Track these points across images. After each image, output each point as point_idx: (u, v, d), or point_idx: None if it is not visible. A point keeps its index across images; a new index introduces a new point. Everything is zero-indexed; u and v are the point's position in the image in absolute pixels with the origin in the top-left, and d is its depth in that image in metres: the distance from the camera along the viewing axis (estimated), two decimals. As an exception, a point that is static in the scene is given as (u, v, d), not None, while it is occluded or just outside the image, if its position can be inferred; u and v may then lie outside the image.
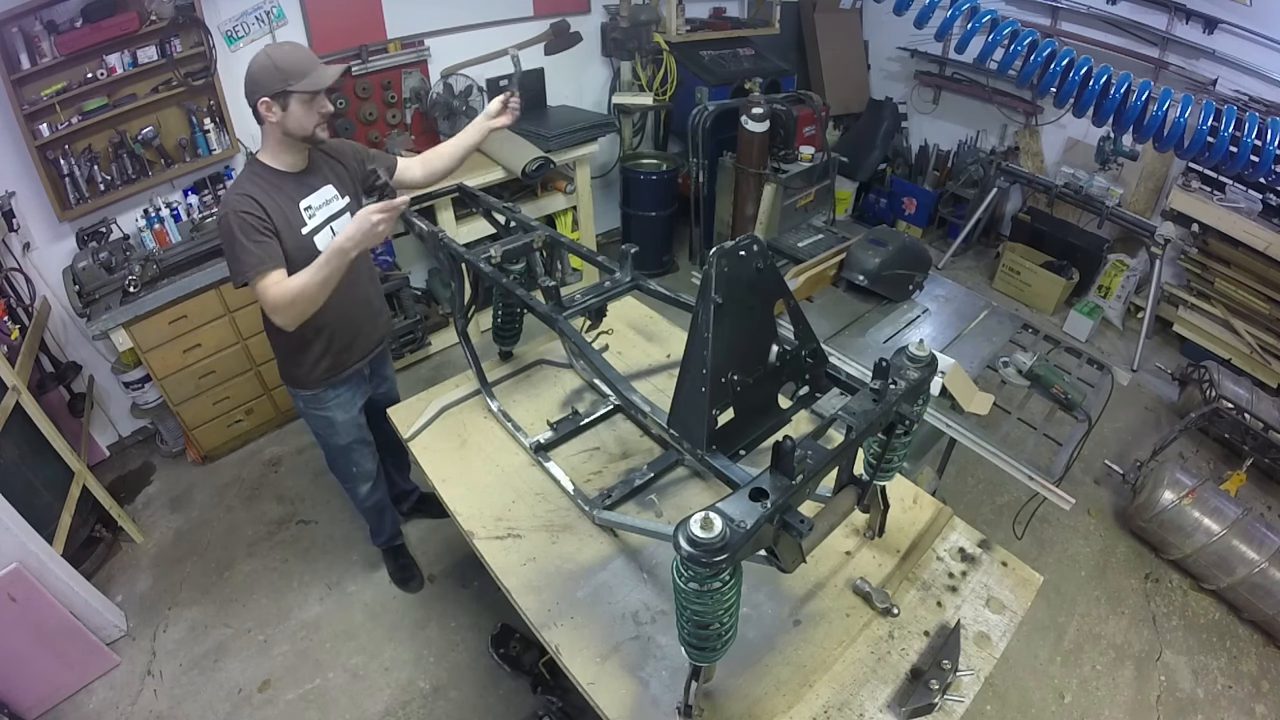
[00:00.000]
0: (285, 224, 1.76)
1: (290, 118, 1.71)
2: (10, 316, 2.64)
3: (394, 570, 2.65)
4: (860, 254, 2.58)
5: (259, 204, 1.70)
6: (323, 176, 1.90)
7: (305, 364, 1.99)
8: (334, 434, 2.17)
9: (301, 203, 1.82)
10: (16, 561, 2.11)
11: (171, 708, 2.26)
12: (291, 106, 1.69)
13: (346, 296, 1.91)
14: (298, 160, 1.83)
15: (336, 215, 1.90)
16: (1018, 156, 4.60)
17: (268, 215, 1.71)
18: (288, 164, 1.82)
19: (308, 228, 1.82)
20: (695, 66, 4.23)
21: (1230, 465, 3.04)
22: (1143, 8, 3.78)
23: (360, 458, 2.27)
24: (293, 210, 1.79)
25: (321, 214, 1.85)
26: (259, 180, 1.76)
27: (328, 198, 1.88)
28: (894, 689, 1.32)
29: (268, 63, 1.65)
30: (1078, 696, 2.31)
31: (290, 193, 1.80)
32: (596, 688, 1.34)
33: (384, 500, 2.48)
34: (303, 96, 1.68)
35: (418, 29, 3.53)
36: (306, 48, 1.76)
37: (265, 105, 1.67)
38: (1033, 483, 1.99)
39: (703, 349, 1.19)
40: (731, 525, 0.97)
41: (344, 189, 1.94)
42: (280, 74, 1.65)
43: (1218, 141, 1.88)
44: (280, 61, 1.65)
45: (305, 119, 1.73)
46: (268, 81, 1.66)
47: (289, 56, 1.68)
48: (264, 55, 1.67)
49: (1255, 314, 3.58)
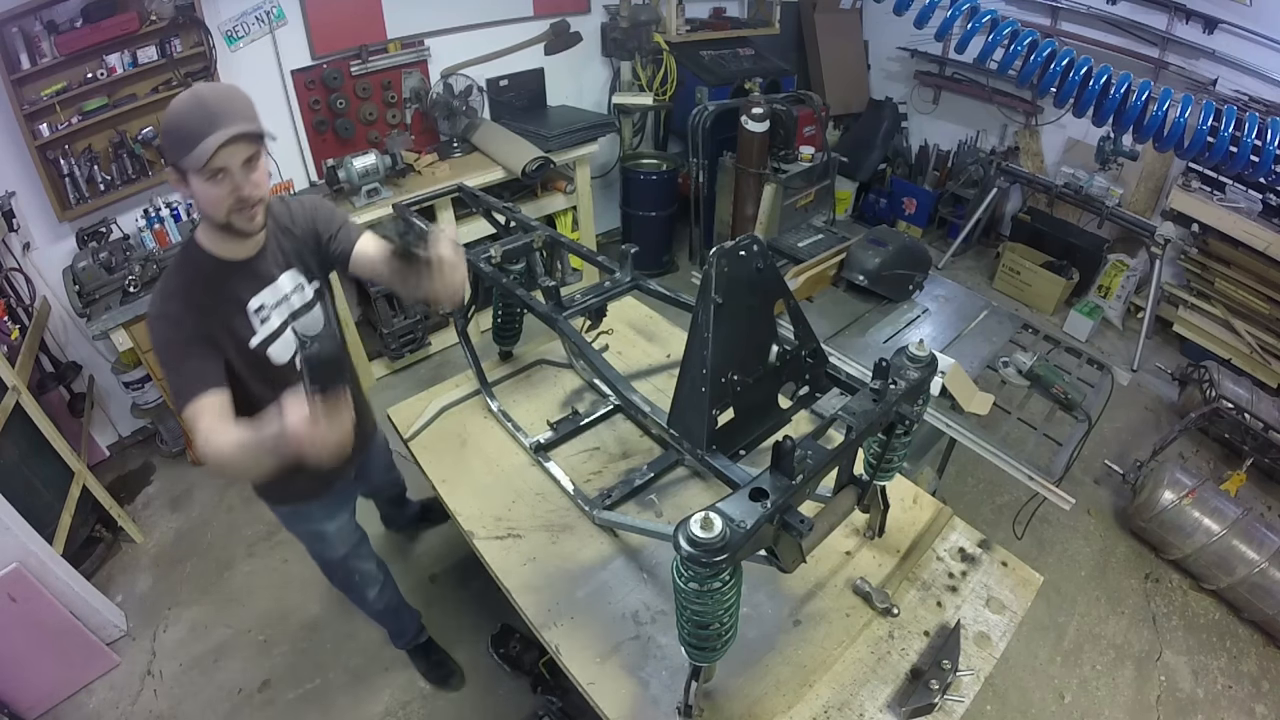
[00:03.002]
0: (226, 335, 1.35)
1: (196, 197, 1.26)
2: (10, 316, 2.63)
3: (427, 670, 2.30)
4: (860, 254, 2.58)
5: (187, 314, 1.30)
6: (280, 260, 1.46)
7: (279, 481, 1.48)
8: (326, 547, 1.82)
9: (250, 303, 1.39)
10: (16, 561, 2.10)
11: (171, 708, 2.26)
12: (192, 182, 1.23)
13: None
14: (242, 245, 1.38)
15: (303, 310, 1.49)
16: (1018, 156, 4.60)
17: (200, 326, 1.31)
18: (230, 250, 1.36)
19: (258, 338, 1.40)
20: (695, 66, 4.23)
21: (1230, 465, 3.04)
22: (1143, 8, 3.77)
23: (361, 563, 1.95)
24: (236, 317, 1.37)
25: (279, 314, 1.44)
26: (194, 274, 1.34)
27: (287, 291, 1.46)
28: (894, 689, 1.33)
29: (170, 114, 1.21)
30: (1078, 696, 2.30)
31: (235, 290, 1.38)
32: (596, 688, 1.34)
33: (396, 599, 2.16)
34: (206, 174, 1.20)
35: (418, 29, 3.53)
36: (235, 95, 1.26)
37: (172, 183, 1.26)
38: (1033, 483, 1.99)
39: (703, 349, 1.19)
40: (731, 525, 0.97)
41: (309, 268, 1.52)
42: (170, 135, 1.21)
43: (1218, 141, 1.89)
44: (183, 114, 1.20)
45: (213, 202, 1.25)
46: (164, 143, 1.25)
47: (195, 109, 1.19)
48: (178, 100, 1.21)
49: (1255, 314, 3.58)
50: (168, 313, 1.31)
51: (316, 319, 1.53)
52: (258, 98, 1.28)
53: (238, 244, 1.36)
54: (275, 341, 1.43)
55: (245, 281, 1.39)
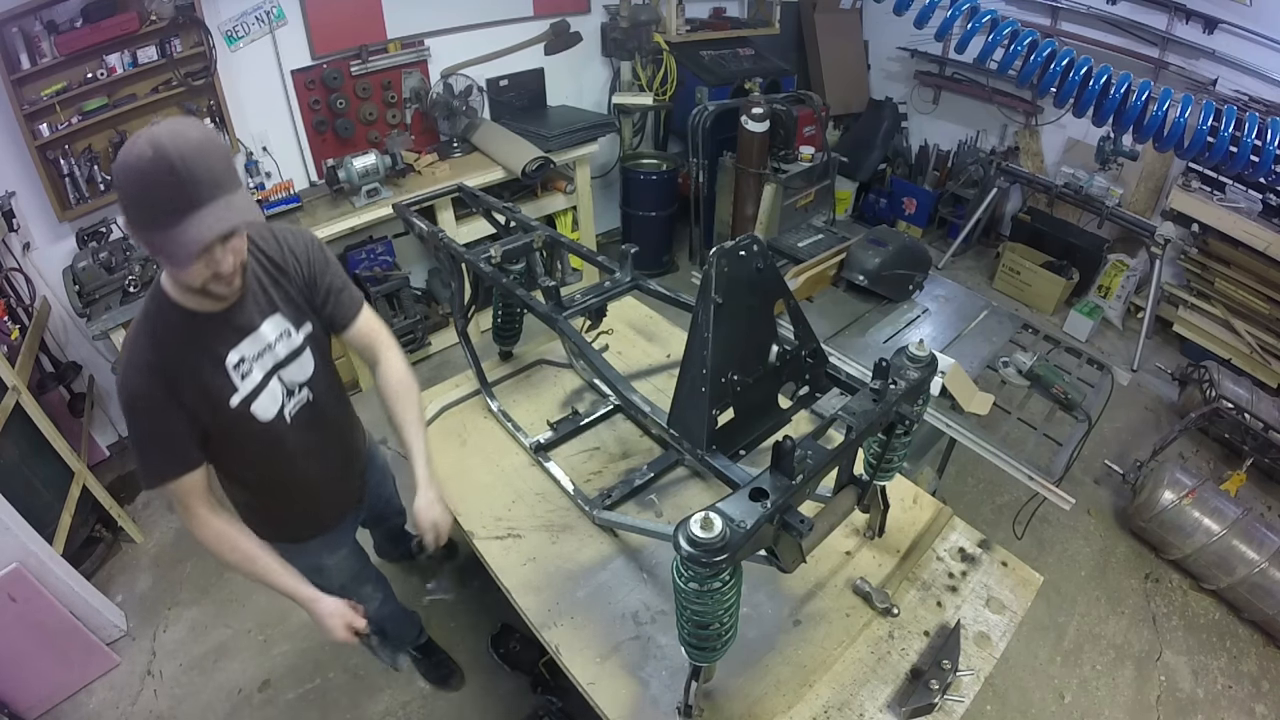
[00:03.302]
0: (201, 399, 1.22)
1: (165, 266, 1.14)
2: (10, 316, 2.63)
3: (427, 670, 2.28)
4: (860, 254, 2.58)
5: (158, 381, 1.16)
6: (262, 306, 1.29)
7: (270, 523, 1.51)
8: (323, 579, 1.61)
9: (229, 359, 1.24)
10: (16, 561, 2.10)
11: (171, 708, 2.26)
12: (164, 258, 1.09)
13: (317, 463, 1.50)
14: (216, 299, 1.20)
15: (289, 359, 1.35)
16: (1018, 156, 4.60)
17: (172, 395, 1.18)
18: (203, 303, 1.19)
19: (239, 395, 1.26)
20: (695, 66, 4.23)
21: (1230, 465, 3.04)
22: (1143, 8, 3.77)
23: (358, 588, 1.82)
24: (214, 374, 1.23)
25: (262, 365, 1.30)
26: (162, 331, 1.18)
27: (270, 340, 1.30)
28: (894, 689, 1.33)
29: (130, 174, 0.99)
30: (1078, 696, 2.30)
31: (210, 346, 1.22)
32: (596, 688, 1.34)
33: (394, 608, 2.07)
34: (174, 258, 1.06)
35: (418, 29, 3.53)
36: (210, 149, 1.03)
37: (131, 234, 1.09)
38: (1033, 483, 1.99)
39: (703, 349, 1.19)
40: (731, 525, 0.97)
41: (298, 312, 1.36)
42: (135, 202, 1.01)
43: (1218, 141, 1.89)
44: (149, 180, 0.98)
45: (187, 277, 1.10)
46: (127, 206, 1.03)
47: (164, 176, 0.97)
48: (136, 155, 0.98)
49: (1255, 314, 3.58)
50: (130, 383, 1.17)
51: (305, 366, 1.40)
52: (258, 98, 1.26)
53: (198, 298, 1.19)
54: (259, 397, 1.30)
55: (221, 334, 1.24)
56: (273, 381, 1.33)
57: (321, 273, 1.39)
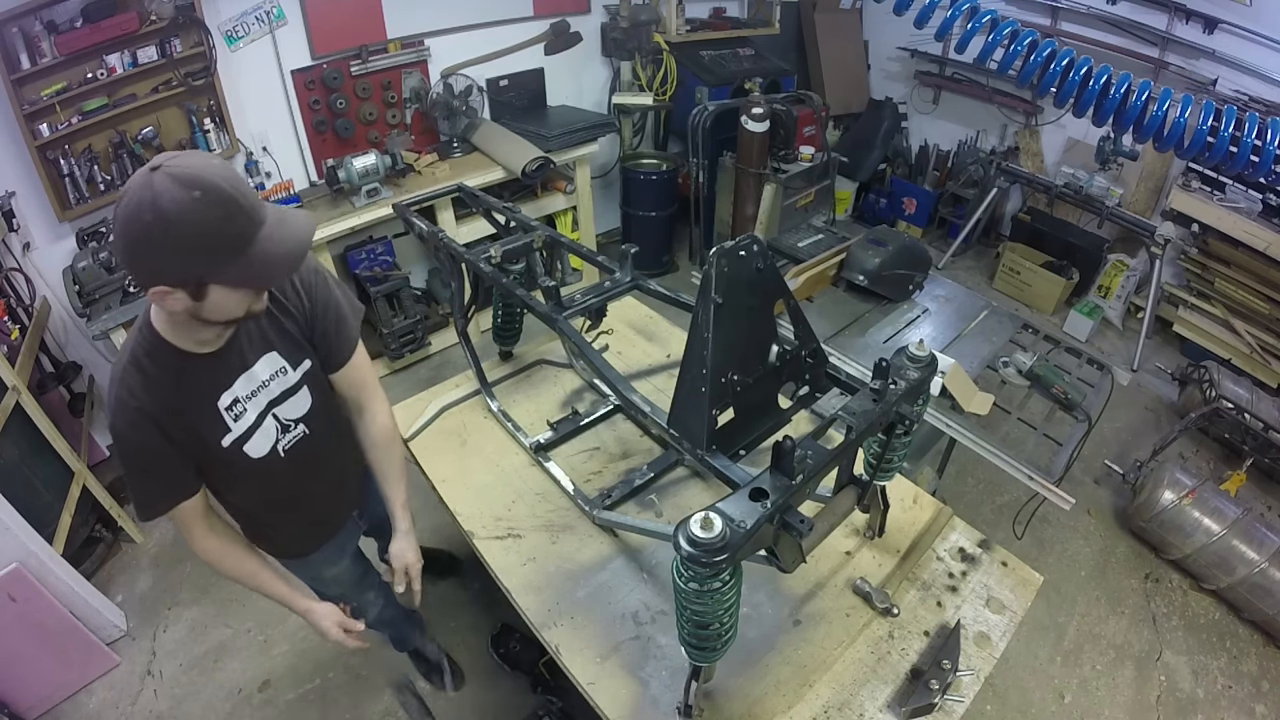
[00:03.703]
0: (193, 439, 1.20)
1: (210, 307, 1.04)
2: (10, 316, 2.63)
3: (427, 671, 2.29)
4: (860, 254, 2.58)
5: (148, 423, 1.13)
6: (257, 345, 1.25)
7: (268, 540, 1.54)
8: (327, 588, 1.70)
9: (221, 400, 1.21)
10: (16, 561, 2.10)
11: (171, 708, 2.26)
12: (213, 296, 1.02)
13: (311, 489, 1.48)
14: (212, 339, 1.17)
15: (284, 397, 1.32)
16: (1018, 156, 4.60)
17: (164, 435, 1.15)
18: (197, 343, 1.15)
19: (231, 436, 1.24)
20: (695, 66, 4.23)
21: (1230, 465, 3.04)
22: (1143, 8, 3.77)
23: (364, 595, 1.85)
24: (206, 416, 1.20)
25: (256, 405, 1.27)
26: (154, 371, 1.13)
27: (265, 377, 1.27)
28: (894, 689, 1.32)
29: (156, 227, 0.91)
30: (1078, 696, 2.30)
31: (202, 387, 1.19)
32: (596, 688, 1.34)
33: (395, 613, 2.05)
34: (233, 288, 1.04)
35: (418, 29, 3.53)
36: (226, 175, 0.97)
37: (158, 295, 0.99)
38: (1033, 483, 1.99)
39: (703, 349, 1.19)
40: (731, 525, 0.97)
41: (296, 349, 1.32)
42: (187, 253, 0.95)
43: (1218, 141, 1.89)
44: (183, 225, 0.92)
45: (233, 306, 1.07)
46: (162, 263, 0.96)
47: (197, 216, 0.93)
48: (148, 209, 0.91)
49: (1255, 314, 3.58)
50: (121, 424, 1.13)
51: (301, 403, 1.37)
52: (258, 98, 1.26)
53: (199, 336, 1.14)
54: (252, 437, 1.27)
55: (214, 375, 1.20)
56: (267, 420, 1.31)
57: (323, 312, 1.34)
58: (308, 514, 1.55)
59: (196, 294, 1.00)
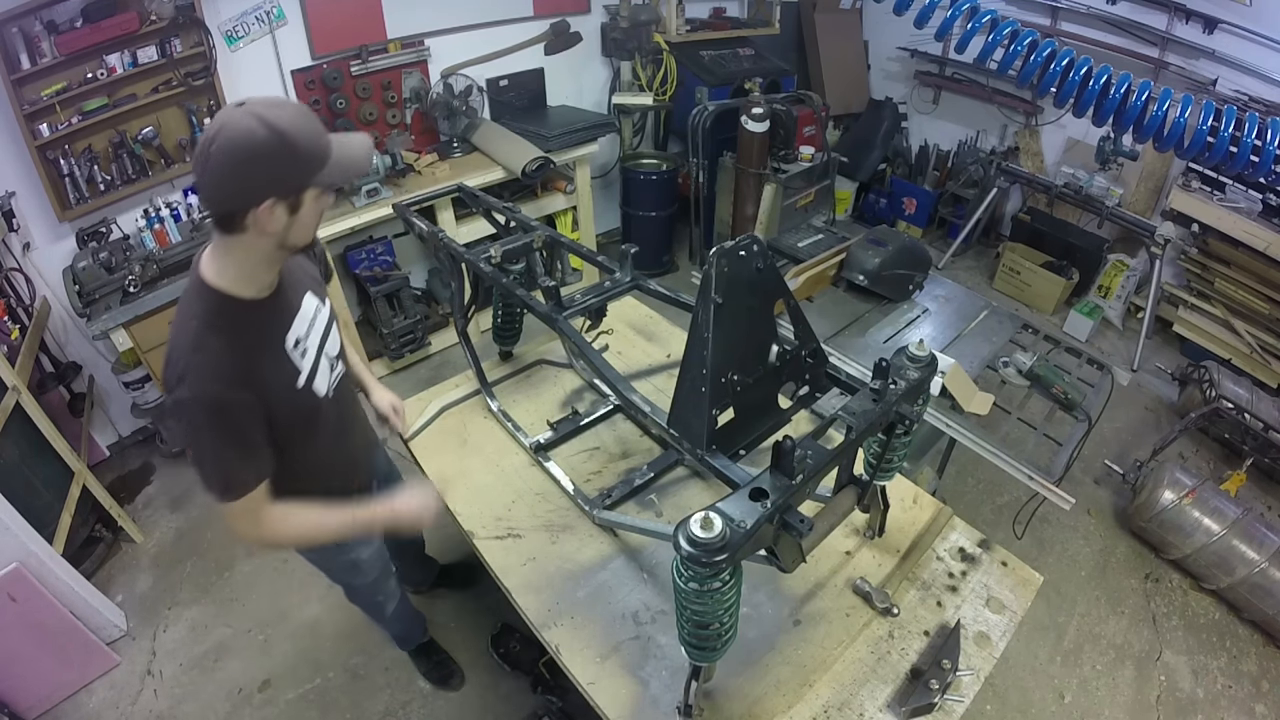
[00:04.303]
0: (276, 384, 1.23)
1: (299, 223, 1.13)
2: (10, 316, 2.63)
3: (428, 670, 2.29)
4: (860, 254, 2.58)
5: (239, 382, 1.14)
6: (297, 287, 1.33)
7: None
8: (359, 575, 1.77)
9: (288, 341, 1.26)
10: (16, 561, 2.10)
11: (171, 707, 2.26)
12: (305, 207, 1.12)
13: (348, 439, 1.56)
14: (268, 278, 1.21)
15: (326, 332, 1.39)
16: (1018, 156, 4.60)
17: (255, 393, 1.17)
18: (261, 287, 1.20)
19: (303, 376, 1.29)
20: (695, 66, 4.23)
21: (1230, 465, 3.04)
22: (1143, 8, 3.77)
23: (388, 583, 1.91)
24: (278, 359, 1.24)
25: (313, 341, 1.32)
26: (229, 327, 1.15)
27: (311, 315, 1.33)
28: (894, 689, 1.33)
29: (271, 140, 1.03)
30: (1078, 696, 2.30)
31: (270, 332, 1.24)
32: (596, 688, 1.34)
33: (408, 608, 2.12)
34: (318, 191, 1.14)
35: (418, 29, 3.53)
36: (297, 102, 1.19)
37: (267, 211, 1.07)
38: (1033, 483, 1.99)
39: (703, 349, 1.19)
40: (731, 525, 0.97)
41: (319, 287, 1.42)
42: (297, 159, 1.07)
43: (1218, 141, 1.89)
44: (293, 135, 1.05)
45: (312, 222, 1.17)
46: (274, 172, 1.06)
47: (299, 126, 1.07)
48: (258, 126, 1.02)
49: (1255, 314, 3.58)
50: (210, 391, 1.11)
51: (336, 339, 1.45)
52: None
53: (265, 276, 1.20)
54: (316, 375, 1.33)
55: (277, 318, 1.26)
56: (321, 357, 1.35)
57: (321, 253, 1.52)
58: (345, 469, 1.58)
59: (294, 206, 1.10)
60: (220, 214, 1.09)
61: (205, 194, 1.10)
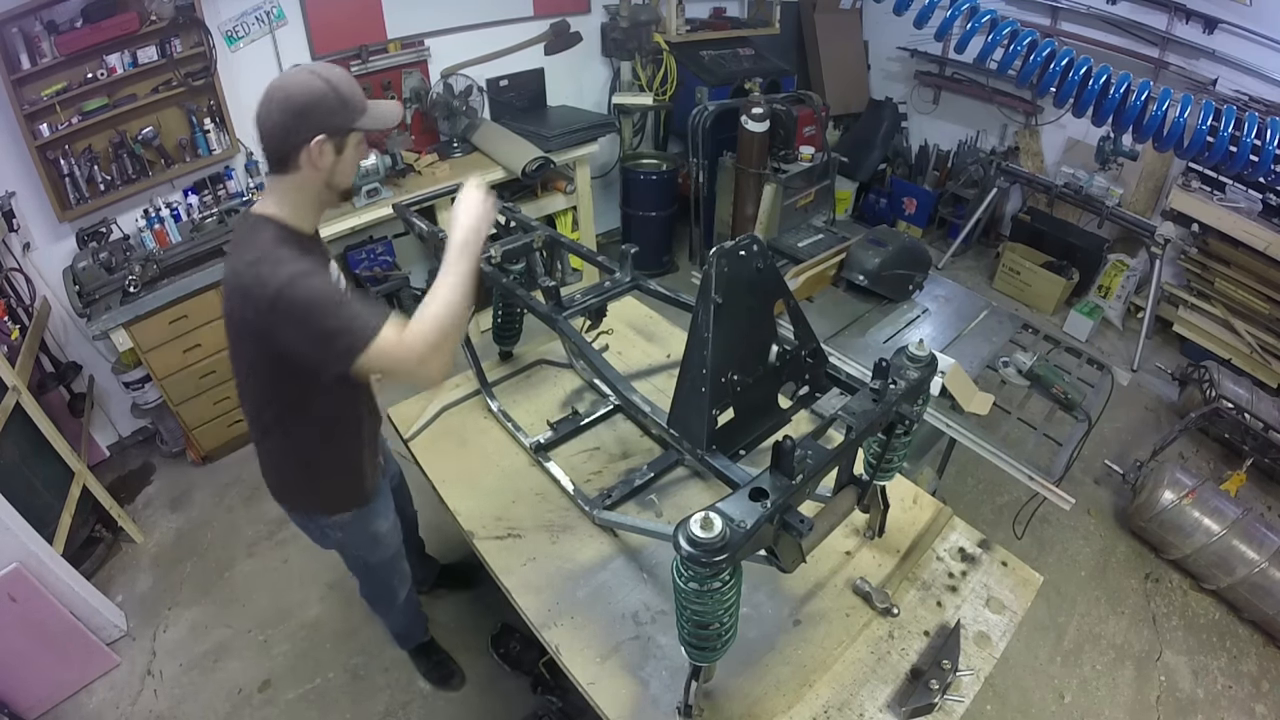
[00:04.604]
0: None
1: (342, 164, 1.33)
2: (10, 316, 2.63)
3: (428, 670, 2.29)
4: (860, 254, 2.58)
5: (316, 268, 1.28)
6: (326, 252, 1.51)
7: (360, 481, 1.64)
8: (381, 549, 1.79)
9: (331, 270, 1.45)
10: (16, 561, 2.10)
11: (171, 708, 2.26)
12: (349, 149, 1.33)
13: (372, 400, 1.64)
14: (318, 221, 1.42)
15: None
16: (1018, 156, 4.60)
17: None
18: (308, 222, 1.38)
19: None
20: (695, 66, 4.23)
21: (1230, 465, 3.04)
22: (1143, 8, 3.77)
23: (403, 563, 1.94)
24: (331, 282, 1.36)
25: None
26: (292, 244, 1.30)
27: (337, 274, 1.49)
28: (894, 689, 1.32)
29: (324, 88, 1.24)
30: (1078, 696, 2.30)
31: (321, 261, 1.40)
32: (596, 688, 1.34)
33: (415, 596, 2.11)
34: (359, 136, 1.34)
35: (418, 29, 3.53)
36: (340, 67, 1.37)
37: (320, 145, 1.25)
38: (1033, 483, 1.99)
39: (703, 349, 1.19)
40: (731, 525, 0.97)
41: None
42: (344, 105, 1.27)
43: (1217, 141, 1.88)
44: (340, 87, 1.27)
45: (350, 169, 1.36)
46: (325, 114, 1.25)
47: (345, 81, 1.29)
48: (312, 78, 1.25)
49: (1255, 314, 3.58)
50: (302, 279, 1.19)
51: None
52: (258, 98, 1.27)
53: (313, 216, 1.38)
54: None
55: (323, 253, 1.45)
56: None
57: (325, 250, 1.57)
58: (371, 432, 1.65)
59: (339, 146, 1.29)
60: (280, 152, 1.26)
61: (267, 135, 1.26)
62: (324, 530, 1.69)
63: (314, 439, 1.52)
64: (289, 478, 1.61)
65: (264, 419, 1.50)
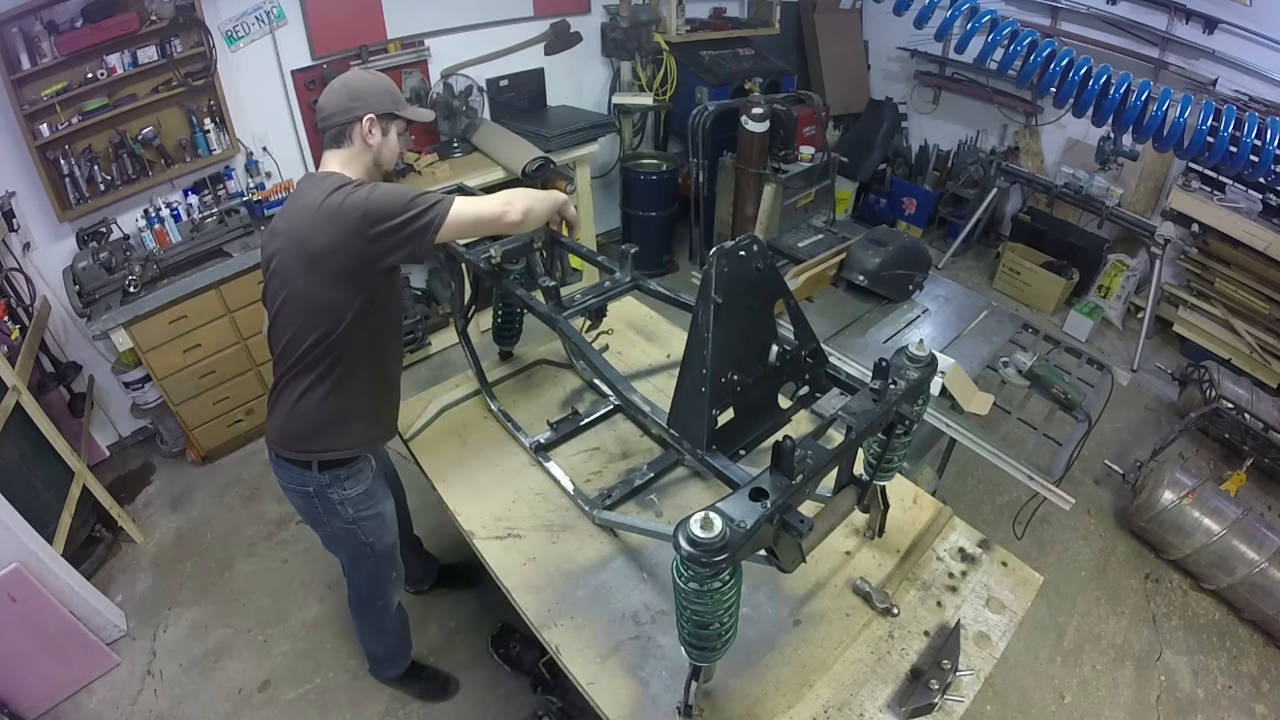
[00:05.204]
0: None
1: (387, 145, 1.57)
2: (10, 316, 2.63)
3: (423, 690, 2.26)
4: (860, 254, 2.58)
5: None
6: None
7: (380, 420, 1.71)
8: (384, 532, 1.81)
9: None
10: (17, 561, 2.10)
11: (171, 708, 2.26)
12: (392, 134, 1.58)
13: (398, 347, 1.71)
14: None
15: None
16: (1018, 156, 4.60)
17: None
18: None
19: None
20: (695, 66, 4.23)
21: (1230, 465, 3.04)
22: (1143, 8, 3.77)
23: (398, 555, 1.94)
24: None
25: None
26: None
27: None
28: (894, 689, 1.32)
29: (374, 80, 1.56)
30: (1078, 696, 2.30)
31: None
32: (596, 688, 1.34)
33: (403, 611, 2.11)
34: (401, 126, 1.60)
35: (418, 29, 3.53)
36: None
37: (370, 123, 1.51)
38: (1033, 483, 1.99)
39: (703, 349, 1.19)
40: (731, 525, 0.97)
41: None
42: (391, 96, 1.56)
43: (1217, 141, 1.88)
44: (388, 83, 1.58)
45: (392, 155, 1.61)
46: (376, 98, 1.53)
47: (391, 81, 1.60)
48: (367, 73, 1.60)
49: (1255, 314, 3.58)
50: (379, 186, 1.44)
51: None
52: (258, 98, 1.29)
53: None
54: None
55: None
56: None
57: None
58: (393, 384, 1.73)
59: (385, 129, 1.55)
60: (338, 127, 1.50)
61: (329, 111, 1.51)
62: (334, 508, 1.65)
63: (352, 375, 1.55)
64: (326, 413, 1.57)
65: (310, 357, 1.49)
